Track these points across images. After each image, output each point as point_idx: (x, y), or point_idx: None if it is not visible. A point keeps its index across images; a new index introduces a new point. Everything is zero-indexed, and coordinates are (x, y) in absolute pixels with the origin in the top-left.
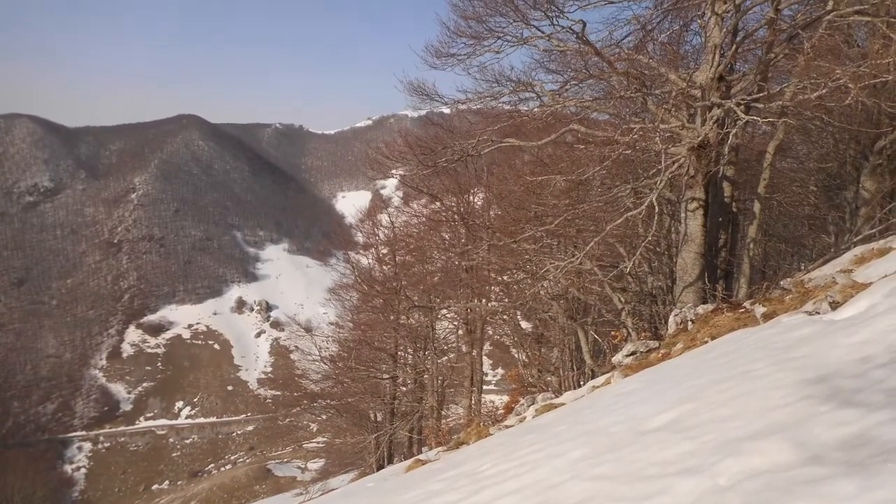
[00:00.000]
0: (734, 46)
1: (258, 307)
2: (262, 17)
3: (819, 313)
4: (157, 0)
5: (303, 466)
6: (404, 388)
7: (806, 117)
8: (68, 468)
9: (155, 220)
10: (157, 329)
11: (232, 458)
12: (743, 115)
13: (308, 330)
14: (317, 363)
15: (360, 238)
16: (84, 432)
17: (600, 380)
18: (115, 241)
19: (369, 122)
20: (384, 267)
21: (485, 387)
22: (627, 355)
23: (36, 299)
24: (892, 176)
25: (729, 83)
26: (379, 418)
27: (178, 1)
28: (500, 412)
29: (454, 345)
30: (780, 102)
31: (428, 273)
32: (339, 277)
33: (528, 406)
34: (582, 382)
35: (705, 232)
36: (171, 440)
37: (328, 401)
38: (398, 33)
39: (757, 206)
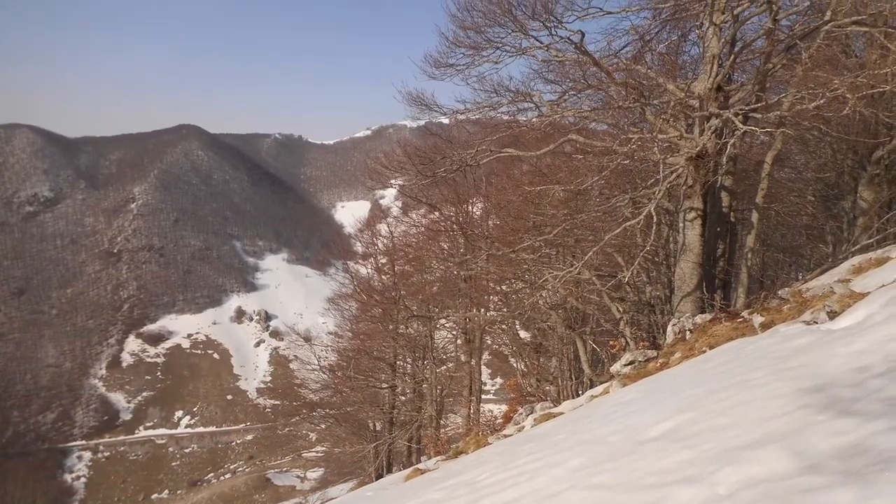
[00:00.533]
0: (732, 57)
1: (257, 317)
2: (261, 27)
3: (817, 323)
4: (157, 10)
5: (302, 475)
6: (403, 398)
7: (804, 127)
8: (68, 477)
9: (154, 229)
10: (156, 338)
11: (231, 467)
12: (741, 126)
13: (307, 339)
14: (316, 372)
15: (359, 248)
16: (84, 441)
17: (599, 389)
18: (115, 250)
19: (368, 132)
20: (383, 276)
21: (483, 396)
22: (626, 365)
23: (36, 309)
24: (889, 186)
25: (727, 93)
26: (378, 427)
27: (178, 11)
28: (498, 421)
29: (453, 354)
30: (778, 112)
31: (427, 283)
32: (338, 287)
33: (527, 415)
34: (580, 392)
35: (703, 242)
36: (170, 449)
37: (327, 410)
38: (397, 44)
39: (755, 216)
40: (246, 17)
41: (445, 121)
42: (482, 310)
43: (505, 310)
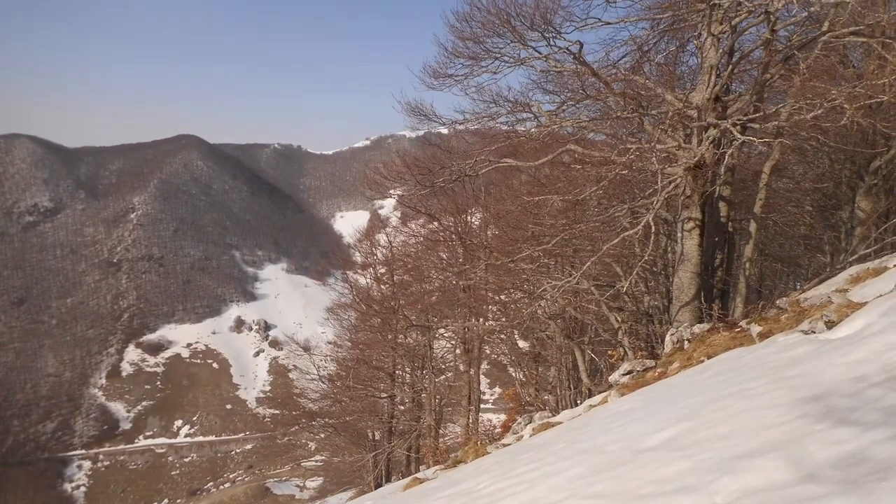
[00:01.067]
0: (730, 67)
1: (257, 326)
2: (261, 37)
3: (815, 332)
4: (157, 21)
5: (301, 485)
6: (402, 407)
7: (802, 137)
8: (68, 487)
9: (154, 239)
10: (156, 348)
11: (231, 476)
12: (739, 136)
13: (306, 349)
14: (315, 382)
15: (358, 258)
16: (84, 451)
17: (597, 399)
18: (115, 260)
19: (367, 142)
20: (382, 286)
21: (482, 405)
22: (624, 374)
23: (36, 318)
24: (887, 196)
25: (725, 103)
26: (377, 437)
27: (178, 22)
28: (497, 431)
29: (452, 364)
30: (776, 123)
31: (426, 292)
32: (337, 297)
33: (526, 425)
34: (579, 401)
35: (702, 251)
36: (170, 459)
37: (326, 419)
38: (396, 54)
39: (753, 226)
40: (244, 26)
41: (444, 131)
42: (481, 319)
43: (504, 319)
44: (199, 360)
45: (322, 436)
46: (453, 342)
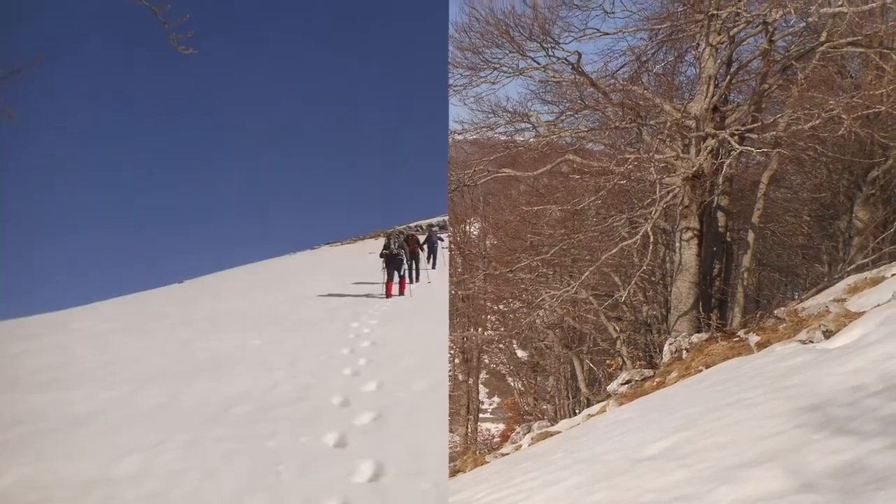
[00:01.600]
0: (728, 77)
1: None
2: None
3: (812, 342)
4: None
5: None
6: None
7: (799, 147)
8: None
9: None
10: None
11: None
12: (737, 146)
13: None
14: None
15: None
16: None
17: (595, 408)
18: None
19: None
20: None
21: (481, 415)
22: (622, 384)
23: None
24: (884, 206)
25: (723, 114)
26: None
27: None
28: (496, 440)
29: (450, 373)
30: (774, 133)
31: None
32: None
33: (524, 434)
34: (577, 411)
35: (700, 261)
36: None
37: None
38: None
39: (751, 236)
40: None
41: None
42: (479, 329)
43: (502, 329)
44: None
45: None
46: (452, 352)
